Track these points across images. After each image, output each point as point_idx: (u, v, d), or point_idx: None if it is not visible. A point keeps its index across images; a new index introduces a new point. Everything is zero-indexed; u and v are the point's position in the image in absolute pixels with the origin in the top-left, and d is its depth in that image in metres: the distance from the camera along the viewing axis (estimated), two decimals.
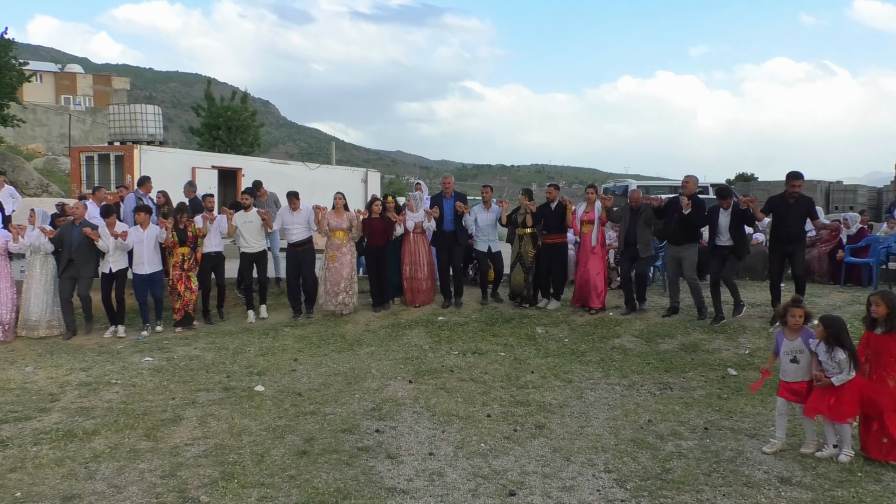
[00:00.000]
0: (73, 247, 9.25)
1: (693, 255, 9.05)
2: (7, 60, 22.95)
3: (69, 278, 9.32)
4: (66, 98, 48.73)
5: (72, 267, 9.28)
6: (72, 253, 9.25)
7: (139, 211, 9.58)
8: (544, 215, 10.13)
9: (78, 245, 9.24)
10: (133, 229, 9.51)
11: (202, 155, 20.80)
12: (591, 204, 9.80)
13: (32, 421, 6.09)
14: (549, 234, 10.14)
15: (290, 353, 8.38)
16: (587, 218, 9.77)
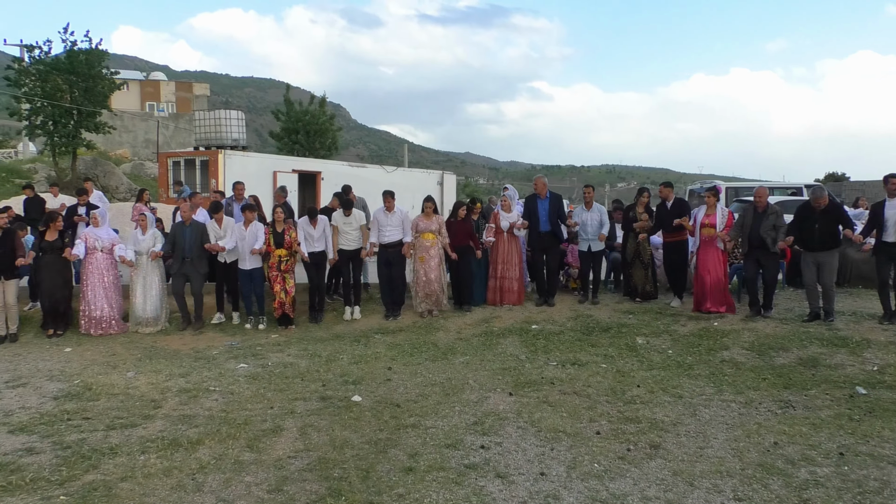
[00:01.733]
0: (185, 246, 9.77)
1: (834, 261, 8.83)
2: (99, 70, 23.79)
3: (182, 275, 9.87)
4: (150, 105, 50.51)
5: (186, 265, 9.83)
6: (185, 252, 9.78)
7: (246, 209, 9.95)
8: (660, 214, 9.98)
9: (191, 244, 9.76)
10: (237, 226, 9.92)
11: (283, 159, 21.09)
12: (711, 207, 9.55)
13: (138, 428, 6.11)
14: (668, 232, 10.05)
15: (383, 361, 8.25)
16: (708, 222, 9.50)
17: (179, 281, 9.90)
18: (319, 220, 10.08)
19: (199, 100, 52.96)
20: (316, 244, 10.05)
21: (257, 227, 9.82)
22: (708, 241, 9.54)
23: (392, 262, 10.13)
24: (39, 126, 23.15)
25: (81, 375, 7.76)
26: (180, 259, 9.90)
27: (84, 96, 23.42)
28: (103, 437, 5.89)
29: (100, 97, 23.96)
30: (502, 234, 10.36)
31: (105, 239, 9.83)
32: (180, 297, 9.93)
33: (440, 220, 10.20)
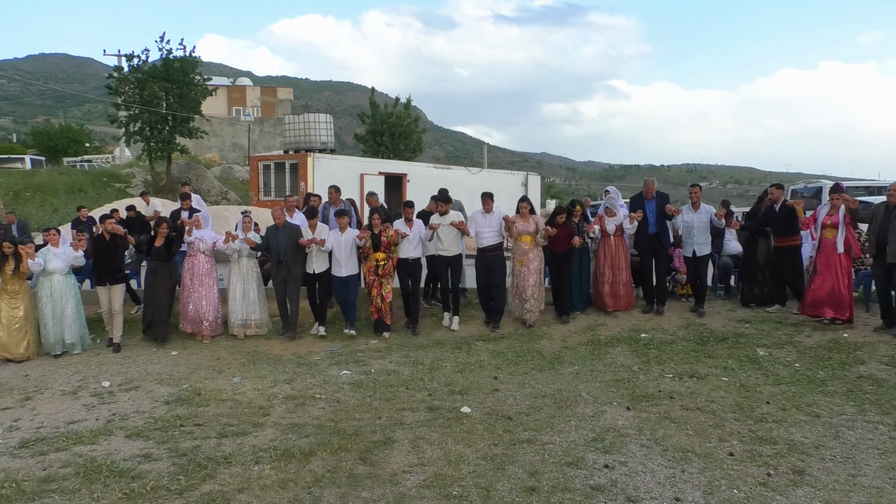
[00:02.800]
0: (281, 249, 9.72)
1: None
2: (192, 77, 24.48)
3: (281, 280, 9.80)
4: (236, 109, 51.91)
5: (283, 268, 9.77)
6: (281, 255, 9.72)
7: (340, 215, 9.79)
8: (769, 217, 9.49)
9: (286, 247, 9.70)
10: (332, 232, 9.78)
11: (370, 161, 21.20)
12: (835, 207, 8.90)
13: (249, 437, 6.04)
14: (779, 236, 9.56)
15: (488, 369, 8.01)
16: (831, 222, 8.86)
17: (280, 285, 9.86)
18: (415, 224, 9.89)
19: (283, 104, 54.10)
20: (412, 250, 9.83)
21: (353, 232, 9.72)
22: (829, 243, 8.89)
23: (492, 267, 9.82)
24: (137, 132, 23.99)
25: (189, 380, 7.81)
26: (276, 262, 9.86)
27: (178, 102, 24.15)
28: (216, 445, 5.85)
29: (193, 103, 24.66)
30: (608, 238, 9.97)
31: (208, 241, 9.91)
32: (281, 302, 9.91)
33: (538, 220, 9.86)
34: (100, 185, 25.86)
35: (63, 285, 9.11)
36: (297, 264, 9.83)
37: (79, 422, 6.53)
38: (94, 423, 6.47)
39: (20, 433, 6.28)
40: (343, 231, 9.70)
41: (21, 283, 9.06)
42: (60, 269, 9.06)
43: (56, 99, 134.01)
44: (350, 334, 9.72)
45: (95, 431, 6.22)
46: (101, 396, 7.28)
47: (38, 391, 7.49)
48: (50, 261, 9.00)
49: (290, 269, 9.80)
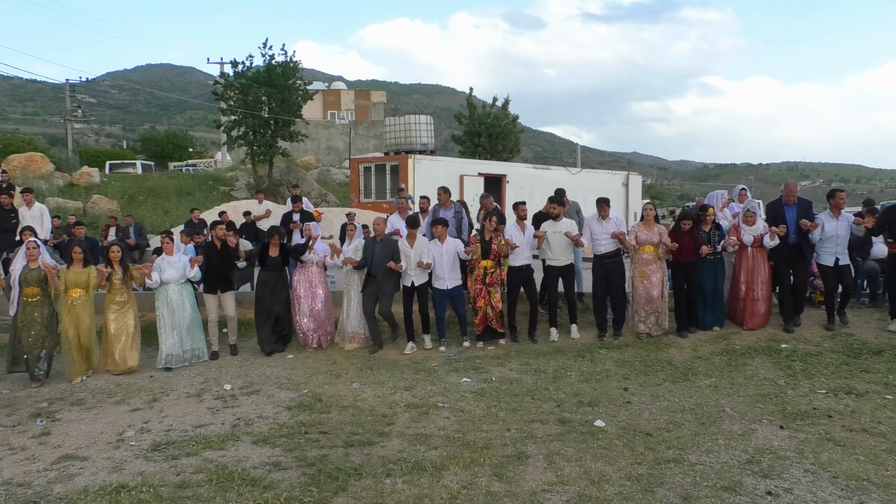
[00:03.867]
0: (374, 263, 9.18)
1: None
2: (294, 82, 24.92)
3: (370, 294, 9.29)
4: (331, 113, 52.84)
5: (374, 283, 9.25)
6: (373, 269, 9.19)
7: (436, 224, 9.29)
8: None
9: (379, 261, 9.15)
10: (432, 243, 9.30)
11: (469, 163, 20.96)
12: None
13: (376, 447, 5.84)
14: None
15: (615, 380, 7.56)
16: None
17: (369, 301, 9.36)
18: (528, 228, 9.46)
19: (377, 107, 54.75)
20: (524, 256, 9.34)
21: (455, 243, 9.27)
22: None
23: (611, 274, 9.30)
24: (241, 136, 24.61)
25: (308, 384, 7.72)
26: (368, 275, 9.35)
27: (280, 107, 24.63)
28: (344, 455, 5.67)
29: (294, 107, 25.11)
30: (745, 249, 9.15)
31: (320, 253, 9.71)
32: (370, 318, 9.44)
33: (663, 229, 9.15)
34: (206, 188, 26.70)
35: (179, 294, 8.95)
36: (389, 281, 9.28)
37: (205, 425, 6.51)
38: (221, 428, 6.44)
39: (151, 435, 6.30)
40: (442, 241, 9.19)
41: (128, 293, 8.89)
42: (175, 279, 8.92)
43: (161, 107, 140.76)
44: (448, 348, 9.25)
45: (223, 437, 6.16)
46: (224, 400, 7.27)
47: (164, 393, 7.55)
48: (164, 270, 8.88)
49: (381, 286, 9.27)
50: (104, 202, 21.33)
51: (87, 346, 8.49)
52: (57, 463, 5.73)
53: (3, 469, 5.64)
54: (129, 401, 7.32)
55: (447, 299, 9.31)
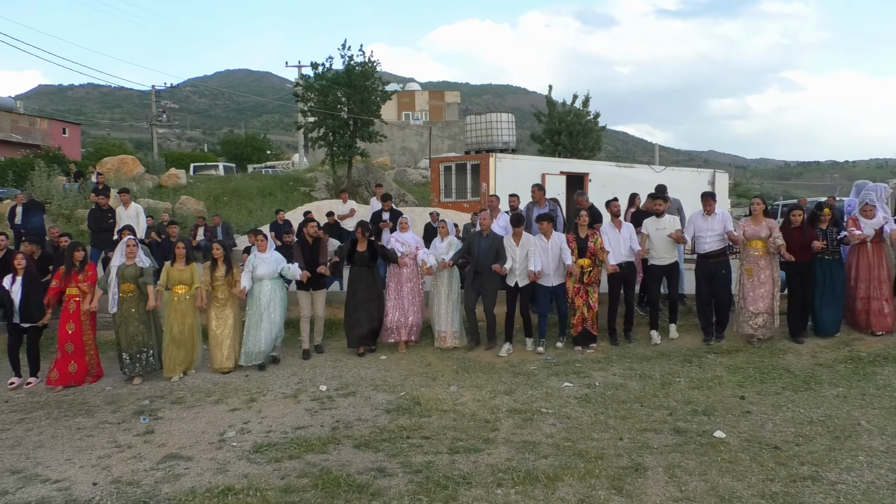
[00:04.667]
0: (480, 259, 9.01)
1: None
2: (372, 82, 25.00)
3: (474, 291, 9.14)
4: (405, 114, 53.10)
5: (478, 280, 9.07)
6: (479, 265, 9.02)
7: (542, 220, 8.96)
8: None
9: (484, 256, 8.97)
10: (537, 238, 8.98)
11: (551, 161, 20.54)
12: None
13: (482, 454, 5.59)
14: None
15: (729, 387, 7.10)
16: None
17: (471, 295, 9.20)
18: (625, 226, 9.05)
19: (450, 107, 54.77)
20: (624, 254, 8.96)
21: (560, 238, 8.96)
22: None
23: (715, 274, 8.79)
24: (321, 137, 24.84)
25: (404, 387, 7.54)
26: (472, 272, 9.19)
27: (359, 107, 24.74)
28: (450, 462, 5.44)
29: (373, 107, 25.18)
30: (863, 246, 8.54)
31: (411, 244, 9.58)
32: (471, 312, 9.27)
33: (773, 224, 8.58)
34: (287, 188, 27.08)
35: (271, 291, 8.85)
36: (493, 278, 9.05)
37: (305, 427, 6.40)
38: (320, 430, 6.31)
39: (252, 436, 6.22)
40: (548, 237, 8.90)
41: (229, 292, 8.80)
42: (269, 275, 8.83)
43: (238, 111, 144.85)
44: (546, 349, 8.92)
45: (324, 439, 6.02)
46: (321, 401, 7.15)
47: (261, 393, 7.50)
48: (258, 266, 8.81)
49: (485, 283, 9.07)
50: (191, 203, 21.88)
51: (188, 342, 8.55)
52: (162, 462, 5.70)
53: (112, 467, 5.64)
54: (227, 400, 7.29)
55: (551, 297, 9.02)
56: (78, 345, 8.29)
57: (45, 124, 40.57)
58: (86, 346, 8.36)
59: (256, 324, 8.73)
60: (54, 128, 41.30)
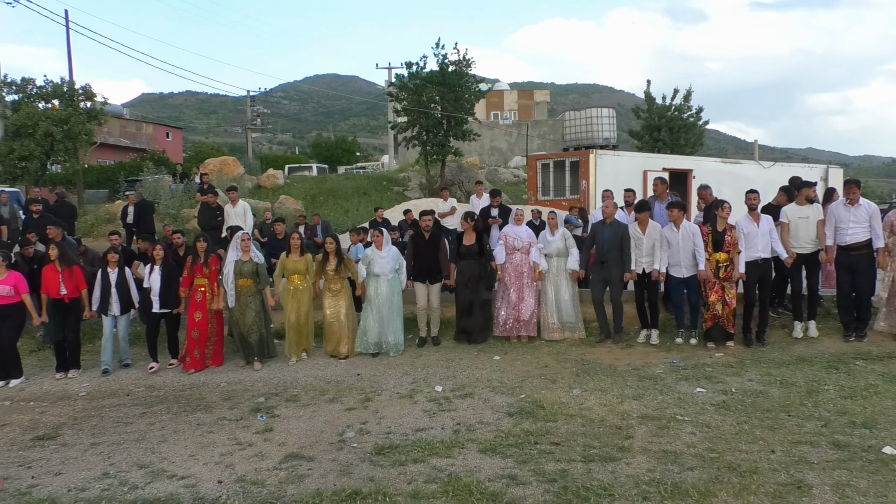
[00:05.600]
0: (605, 248, 8.82)
1: None
2: (466, 80, 24.76)
3: (601, 280, 8.93)
4: (494, 114, 52.73)
5: (603, 269, 8.91)
6: (604, 254, 8.84)
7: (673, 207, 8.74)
8: None
9: (610, 246, 8.79)
10: (666, 229, 8.72)
11: (653, 157, 19.69)
12: None
13: (620, 463, 5.18)
14: None
15: (888, 397, 6.41)
16: None
17: (598, 286, 8.98)
18: (763, 219, 8.44)
19: (539, 107, 54.01)
20: (760, 248, 8.36)
21: (692, 228, 8.50)
22: None
23: (858, 268, 8.12)
24: (415, 136, 24.80)
25: (523, 389, 7.18)
26: (597, 262, 8.97)
27: (453, 106, 24.54)
28: (586, 471, 5.06)
29: (467, 105, 24.94)
30: None
31: (524, 238, 9.28)
32: (599, 305, 9.04)
33: None
34: (381, 188, 27.22)
35: (389, 287, 8.97)
36: (619, 266, 8.83)
37: (425, 429, 6.14)
38: (442, 433, 6.03)
39: (371, 437, 6.01)
40: (678, 226, 8.54)
41: (342, 282, 9.12)
42: (385, 272, 8.94)
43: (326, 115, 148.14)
44: (684, 343, 8.59)
45: (447, 443, 5.74)
46: (438, 402, 6.88)
47: (375, 392, 7.30)
48: (376, 263, 8.93)
49: (612, 271, 8.85)
50: (290, 202, 22.21)
51: (305, 329, 9.04)
52: (284, 462, 5.55)
53: (235, 465, 5.53)
54: (341, 399, 7.13)
55: (683, 287, 8.66)
56: (202, 332, 8.73)
57: (150, 129, 42.38)
58: (210, 334, 8.78)
59: (374, 316, 8.93)
60: (159, 132, 43.11)
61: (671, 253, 8.57)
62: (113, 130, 34.99)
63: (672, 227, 8.58)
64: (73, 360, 8.76)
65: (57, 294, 8.55)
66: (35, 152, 19.01)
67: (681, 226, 8.54)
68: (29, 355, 9.69)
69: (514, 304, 9.17)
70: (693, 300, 8.62)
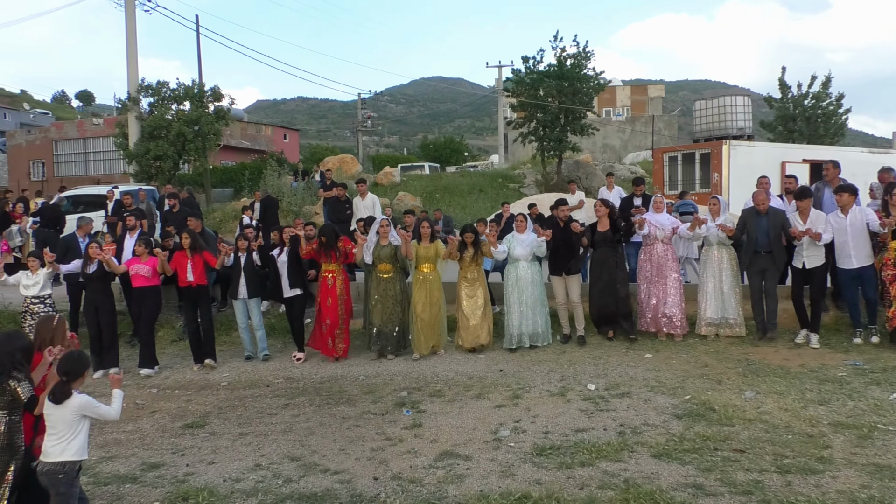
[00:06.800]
0: (762, 239, 8.12)
1: None
2: (585, 73, 24.00)
3: (758, 273, 8.23)
4: (606, 110, 51.37)
5: (762, 260, 8.20)
6: (760, 245, 8.14)
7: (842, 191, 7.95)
8: None
9: (766, 235, 8.10)
10: (832, 216, 7.92)
11: (792, 148, 18.38)
12: None
13: (824, 476, 4.52)
14: None
15: None
16: None
17: (756, 279, 8.22)
18: None
19: (654, 102, 52.19)
20: None
21: (865, 213, 7.69)
22: None
23: None
24: (532, 132, 24.27)
25: (686, 389, 6.56)
26: (751, 253, 8.21)
27: (571, 99, 23.85)
28: (784, 484, 4.44)
29: (585, 99, 24.19)
30: None
31: (666, 226, 8.62)
32: (757, 299, 8.27)
33: None
34: (496, 185, 26.85)
35: (528, 273, 8.62)
36: (780, 256, 8.07)
37: (586, 430, 5.65)
38: (605, 434, 5.53)
39: (528, 437, 5.58)
40: (846, 212, 7.78)
41: (479, 271, 8.84)
42: (525, 256, 8.61)
43: (431, 117, 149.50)
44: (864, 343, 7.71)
45: (614, 446, 5.24)
46: (594, 401, 6.37)
47: (523, 389, 6.86)
48: (514, 247, 8.60)
49: (774, 262, 8.11)
50: (408, 198, 22.22)
51: (435, 320, 8.59)
52: (440, 460, 5.21)
53: (388, 461, 5.24)
54: (488, 396, 6.73)
55: (856, 281, 7.81)
56: (333, 320, 8.56)
57: (268, 131, 43.73)
58: (339, 320, 8.59)
59: (514, 305, 8.59)
60: (277, 134, 44.42)
61: (839, 244, 7.74)
62: (234, 133, 36.26)
63: (839, 213, 7.75)
64: (208, 350, 8.79)
65: (185, 281, 8.64)
66: (168, 152, 19.78)
67: (849, 211, 7.69)
68: (170, 345, 9.86)
69: (655, 298, 8.53)
70: (870, 295, 7.71)
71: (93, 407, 4.08)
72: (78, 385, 4.09)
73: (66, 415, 4.01)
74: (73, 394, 4.03)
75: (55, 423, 4.02)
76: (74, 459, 4.02)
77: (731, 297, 8.36)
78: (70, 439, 4.00)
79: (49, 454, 3.99)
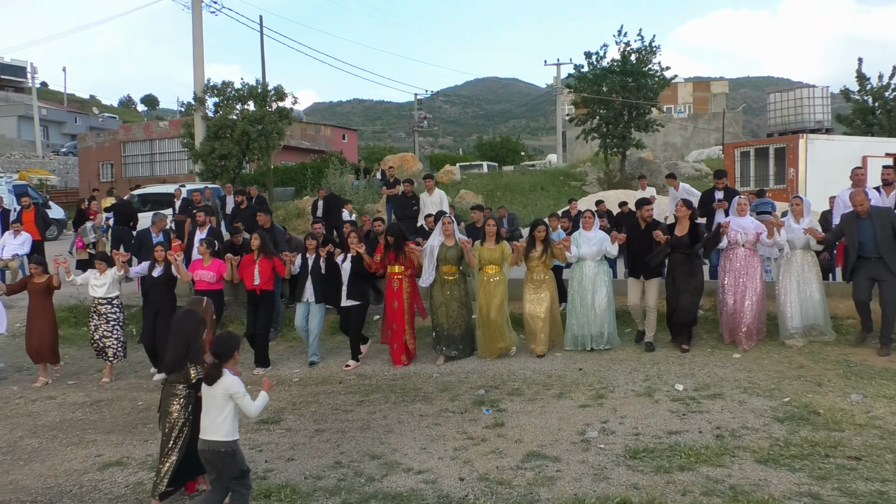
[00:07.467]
0: (869, 243, 7.42)
1: None
2: (650, 68, 23.39)
3: (868, 279, 7.51)
4: (667, 108, 50.20)
5: (867, 265, 7.50)
6: (868, 251, 7.42)
7: None
8: None
9: (878, 241, 7.33)
10: None
11: (875, 142, 17.43)
12: None
13: None
14: None
15: None
16: None
17: (865, 285, 7.52)
18: None
19: (717, 98, 50.79)
20: None
21: None
22: None
23: None
24: (594, 129, 23.78)
25: (783, 391, 6.17)
26: (854, 258, 7.55)
27: (635, 95, 23.27)
28: None
29: (649, 95, 23.57)
30: None
31: (750, 230, 8.07)
32: (864, 305, 7.63)
33: None
34: (558, 183, 26.45)
35: (595, 272, 8.20)
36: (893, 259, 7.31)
37: (680, 432, 5.33)
38: (701, 438, 5.20)
39: (618, 438, 5.29)
40: None
41: (547, 272, 8.33)
42: (591, 255, 8.21)
43: (486, 118, 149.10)
44: None
45: (714, 450, 4.91)
46: (684, 402, 6.03)
47: (606, 389, 6.55)
48: (581, 245, 8.21)
49: (887, 267, 7.34)
50: (470, 196, 22.00)
51: (498, 323, 8.10)
52: (527, 461, 4.97)
53: (473, 461, 5.02)
54: (570, 395, 6.44)
55: None
56: (399, 324, 8.21)
57: (328, 132, 44.05)
58: (406, 324, 8.23)
59: (579, 306, 8.18)
60: (336, 135, 44.68)
61: None
62: (294, 133, 36.64)
63: None
64: (260, 357, 8.53)
65: (251, 285, 8.41)
66: (233, 151, 20.01)
67: None
68: None
69: (732, 310, 7.92)
70: None
71: (239, 389, 4.17)
72: (230, 365, 4.21)
73: (216, 394, 4.15)
74: (224, 373, 4.16)
75: (209, 403, 4.20)
76: (228, 440, 4.15)
77: (820, 305, 7.76)
78: (220, 419, 4.15)
79: (204, 432, 4.19)
